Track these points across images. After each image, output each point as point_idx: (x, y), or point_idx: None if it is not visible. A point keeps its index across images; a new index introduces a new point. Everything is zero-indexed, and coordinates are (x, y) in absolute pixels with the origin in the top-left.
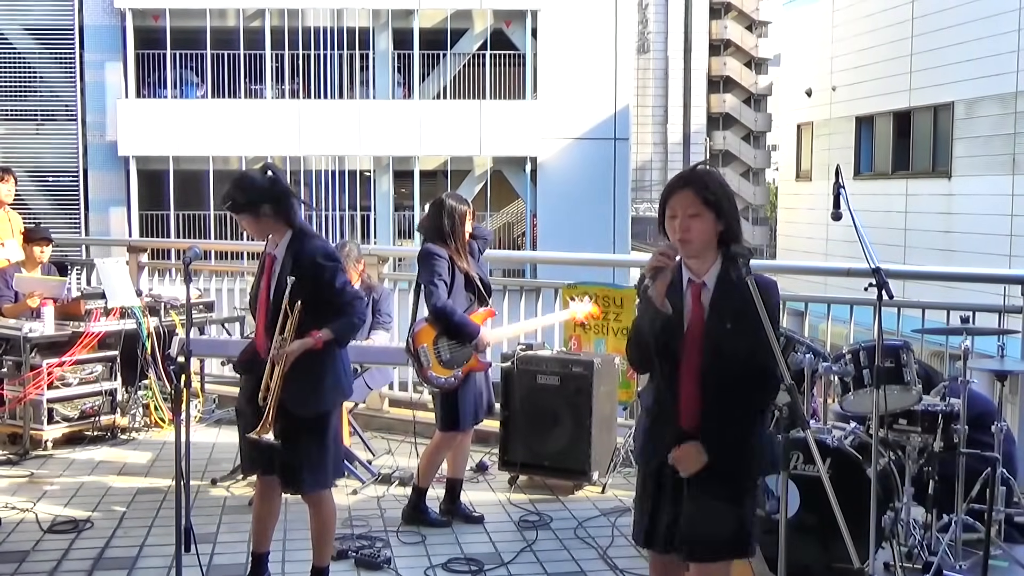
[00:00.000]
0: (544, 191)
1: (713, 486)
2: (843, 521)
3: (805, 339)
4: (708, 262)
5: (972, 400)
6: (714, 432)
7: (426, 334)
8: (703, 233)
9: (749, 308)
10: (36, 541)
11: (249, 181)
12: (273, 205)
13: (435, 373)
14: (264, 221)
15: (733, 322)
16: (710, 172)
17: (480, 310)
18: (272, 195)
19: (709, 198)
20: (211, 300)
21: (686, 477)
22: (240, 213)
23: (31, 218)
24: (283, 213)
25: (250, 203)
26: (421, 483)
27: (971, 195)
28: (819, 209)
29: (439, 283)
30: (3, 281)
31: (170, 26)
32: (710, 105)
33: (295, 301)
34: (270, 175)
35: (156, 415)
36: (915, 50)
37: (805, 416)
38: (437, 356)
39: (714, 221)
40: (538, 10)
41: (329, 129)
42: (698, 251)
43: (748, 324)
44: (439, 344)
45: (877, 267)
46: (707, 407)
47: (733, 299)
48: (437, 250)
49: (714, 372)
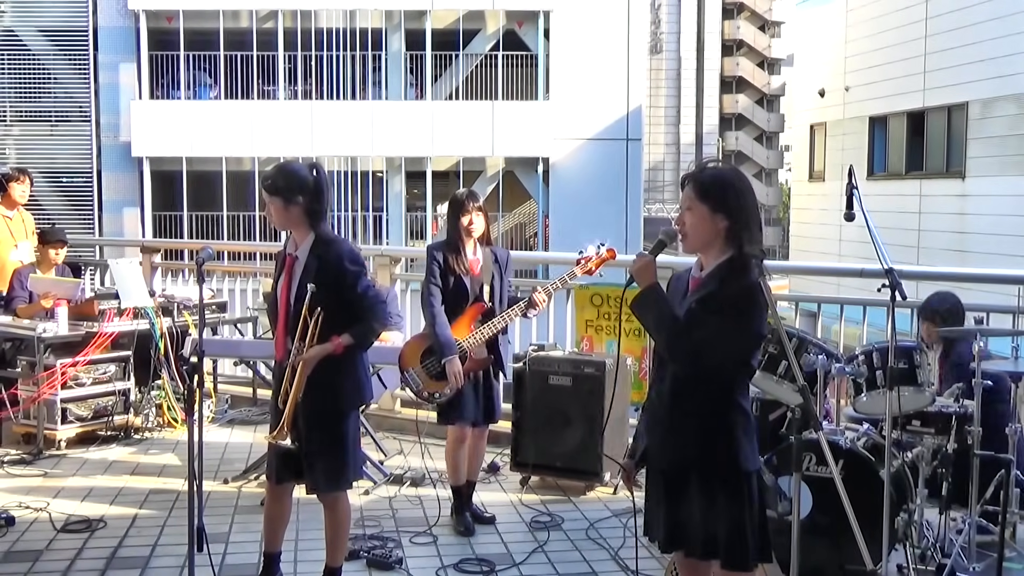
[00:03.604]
0: (556, 192)
1: (697, 481)
2: (856, 523)
3: (818, 340)
4: (713, 258)
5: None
6: (681, 426)
7: (411, 355)
8: (695, 227)
9: (719, 298)
10: (49, 540)
11: (293, 169)
12: (308, 200)
13: (431, 390)
14: (293, 212)
15: (696, 303)
16: (714, 166)
17: (470, 309)
18: (310, 190)
19: (703, 191)
20: (224, 300)
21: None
22: (273, 196)
23: (45, 219)
24: (313, 213)
25: (288, 189)
26: (450, 482)
27: (985, 196)
28: (832, 210)
29: (428, 286)
30: (18, 282)
31: (183, 27)
32: (723, 106)
33: (315, 308)
34: (315, 173)
35: (169, 415)
36: (929, 50)
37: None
38: (428, 372)
39: (709, 215)
40: (550, 11)
41: (341, 130)
42: (694, 245)
43: (708, 310)
44: (428, 359)
45: (890, 268)
46: (674, 401)
47: (709, 287)
48: (432, 248)
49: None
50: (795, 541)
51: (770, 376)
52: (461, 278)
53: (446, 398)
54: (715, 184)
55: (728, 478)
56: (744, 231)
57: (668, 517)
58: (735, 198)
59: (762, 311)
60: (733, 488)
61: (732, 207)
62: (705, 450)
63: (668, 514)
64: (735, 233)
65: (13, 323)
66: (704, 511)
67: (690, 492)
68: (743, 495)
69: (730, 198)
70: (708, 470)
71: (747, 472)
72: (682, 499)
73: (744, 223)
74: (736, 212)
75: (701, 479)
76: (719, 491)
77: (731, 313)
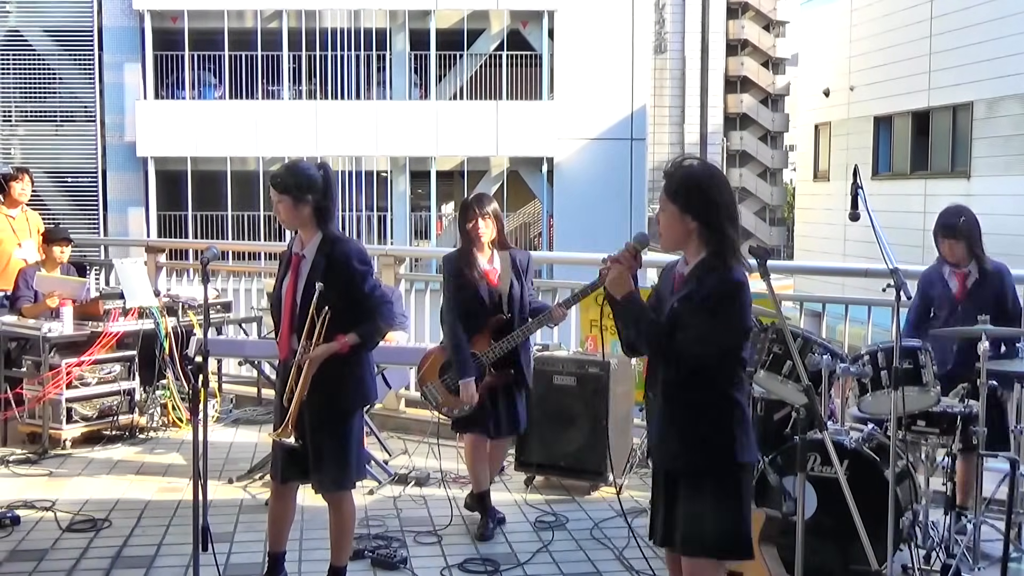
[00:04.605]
0: (561, 191)
1: (691, 477)
2: (861, 523)
3: (823, 340)
4: (692, 256)
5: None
6: (675, 422)
7: (430, 369)
8: (667, 227)
9: (696, 297)
10: (55, 540)
11: (302, 168)
12: (317, 199)
13: (450, 405)
14: (302, 211)
15: (677, 303)
16: (684, 167)
17: (489, 321)
18: (319, 189)
19: (671, 192)
20: (228, 300)
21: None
22: (283, 195)
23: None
24: (321, 211)
25: (297, 187)
26: (474, 489)
27: (991, 195)
28: (837, 209)
29: (445, 301)
30: (23, 281)
31: (188, 27)
32: (727, 105)
33: (323, 307)
34: (323, 172)
35: (174, 415)
36: (934, 49)
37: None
38: (447, 387)
39: (679, 215)
40: (555, 10)
41: (346, 130)
42: (668, 244)
43: (687, 309)
44: (446, 375)
45: (895, 268)
46: (666, 399)
47: (688, 286)
48: (446, 260)
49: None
50: (800, 541)
51: (775, 376)
52: (478, 289)
53: (464, 414)
54: (682, 185)
55: (721, 472)
56: (714, 232)
57: (665, 514)
58: (703, 198)
59: (743, 306)
60: (725, 481)
61: (700, 208)
62: (699, 445)
63: (665, 512)
64: (706, 233)
65: (18, 323)
66: (696, 506)
67: (685, 489)
68: (732, 485)
69: (698, 198)
70: (701, 465)
71: (740, 464)
72: (677, 496)
73: (714, 223)
74: (704, 212)
75: (694, 475)
76: (712, 485)
77: (710, 311)
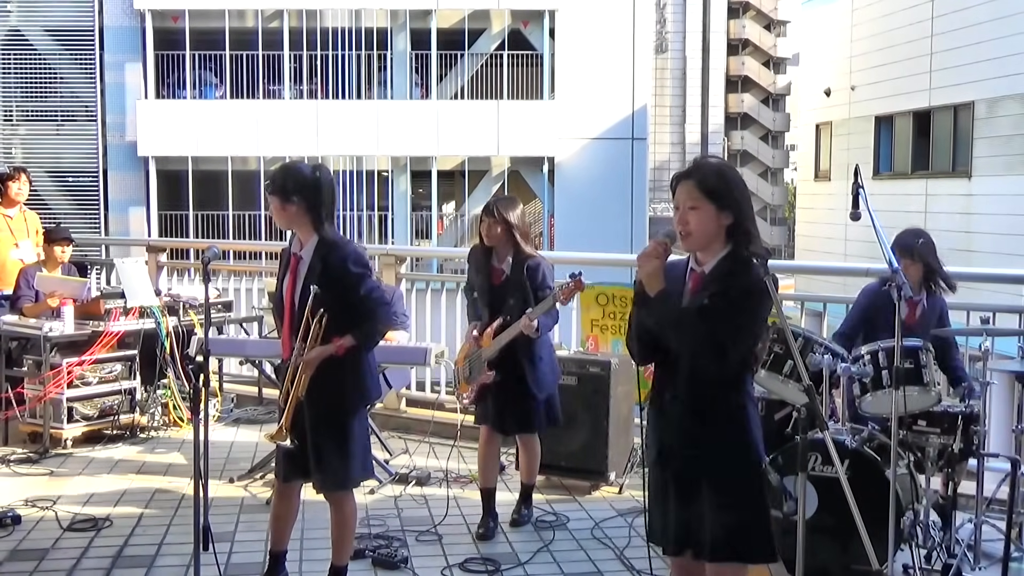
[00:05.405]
0: (561, 191)
1: (714, 478)
2: (861, 523)
3: (824, 340)
4: (713, 254)
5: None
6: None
7: (461, 354)
8: (702, 225)
9: (732, 293)
10: (55, 539)
11: (295, 169)
12: (306, 200)
13: (461, 391)
14: (290, 211)
15: (710, 300)
16: (712, 164)
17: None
18: (309, 190)
19: (709, 189)
20: (229, 300)
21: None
22: (272, 195)
23: (51, 218)
24: (313, 212)
25: (283, 189)
26: (479, 483)
27: (992, 195)
28: (838, 209)
29: (467, 293)
30: (24, 281)
31: (189, 27)
32: (728, 105)
33: (319, 309)
34: (318, 174)
35: (175, 414)
36: (935, 49)
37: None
38: (462, 374)
39: (716, 213)
40: (556, 10)
41: (347, 129)
42: (699, 244)
43: (723, 306)
44: (469, 359)
45: (896, 267)
46: (693, 399)
47: (719, 283)
48: (471, 250)
49: (688, 358)
50: (801, 541)
51: (776, 375)
52: (483, 284)
53: (470, 402)
54: (720, 182)
55: (744, 471)
56: (751, 225)
57: (678, 519)
58: (738, 195)
59: (771, 303)
60: (749, 480)
61: (734, 203)
62: (730, 447)
63: (679, 516)
64: (738, 228)
65: (19, 322)
66: (727, 511)
67: (711, 493)
68: (757, 487)
69: (735, 195)
70: (726, 465)
71: (759, 463)
72: (695, 499)
73: (748, 217)
74: (738, 208)
75: (718, 475)
76: (741, 488)
77: (747, 306)
